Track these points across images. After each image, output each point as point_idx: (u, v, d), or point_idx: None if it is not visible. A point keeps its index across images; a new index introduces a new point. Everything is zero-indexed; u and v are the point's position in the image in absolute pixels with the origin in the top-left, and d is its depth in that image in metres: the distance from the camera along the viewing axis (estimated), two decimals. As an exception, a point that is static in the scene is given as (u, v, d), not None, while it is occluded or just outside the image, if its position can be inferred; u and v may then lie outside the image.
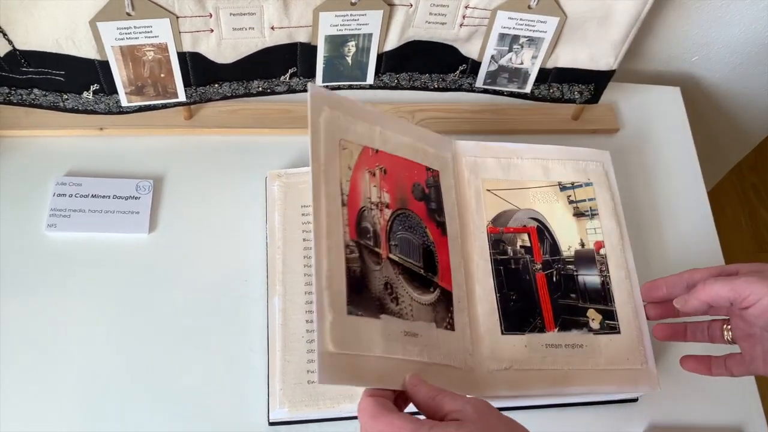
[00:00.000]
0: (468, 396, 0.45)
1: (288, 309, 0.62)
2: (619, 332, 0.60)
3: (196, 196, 0.70)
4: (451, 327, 0.56)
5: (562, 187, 0.66)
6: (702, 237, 0.75)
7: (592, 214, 0.65)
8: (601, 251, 0.64)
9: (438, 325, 0.54)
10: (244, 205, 0.70)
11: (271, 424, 0.59)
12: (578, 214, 0.65)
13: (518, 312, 0.60)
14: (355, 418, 0.59)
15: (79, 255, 0.66)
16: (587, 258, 0.63)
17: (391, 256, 0.54)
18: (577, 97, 0.74)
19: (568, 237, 0.64)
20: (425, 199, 0.59)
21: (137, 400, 0.60)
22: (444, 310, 0.56)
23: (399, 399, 0.48)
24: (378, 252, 0.54)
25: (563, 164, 0.67)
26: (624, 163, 0.78)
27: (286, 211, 0.66)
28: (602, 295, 0.62)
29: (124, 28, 0.59)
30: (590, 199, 0.66)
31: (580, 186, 0.67)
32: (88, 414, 0.59)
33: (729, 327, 0.55)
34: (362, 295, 0.51)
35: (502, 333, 0.58)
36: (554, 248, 0.63)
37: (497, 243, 0.62)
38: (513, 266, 0.62)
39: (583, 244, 0.64)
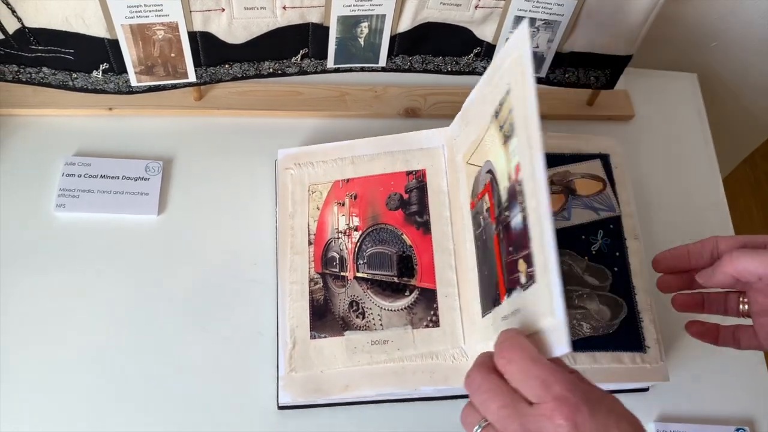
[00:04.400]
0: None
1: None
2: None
3: (205, 178, 0.70)
4: (434, 324, 0.57)
5: (495, 114, 0.50)
6: (716, 226, 0.74)
7: (512, 132, 0.47)
8: (519, 176, 0.46)
9: (415, 326, 0.57)
10: (253, 187, 0.70)
11: (281, 407, 0.59)
12: (506, 139, 0.48)
13: (487, 288, 0.53)
14: (362, 402, 0.59)
15: (88, 236, 0.65)
16: (512, 194, 0.47)
17: (359, 274, 0.61)
18: (592, 82, 0.73)
19: (504, 175, 0.49)
20: (402, 206, 0.62)
21: (145, 381, 0.60)
22: (424, 309, 0.58)
23: None
24: (344, 276, 0.61)
25: (495, 85, 0.52)
26: (638, 150, 0.77)
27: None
28: (525, 238, 0.45)
29: (134, 6, 0.58)
30: (510, 112, 0.47)
31: (504, 101, 0.49)
32: (96, 394, 0.59)
33: (746, 299, 0.54)
34: (325, 318, 0.60)
35: (482, 317, 0.54)
36: (498, 197, 0.50)
37: (476, 217, 0.55)
38: (484, 237, 0.53)
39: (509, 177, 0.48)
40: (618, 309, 0.61)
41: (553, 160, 0.66)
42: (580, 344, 0.59)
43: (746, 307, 0.54)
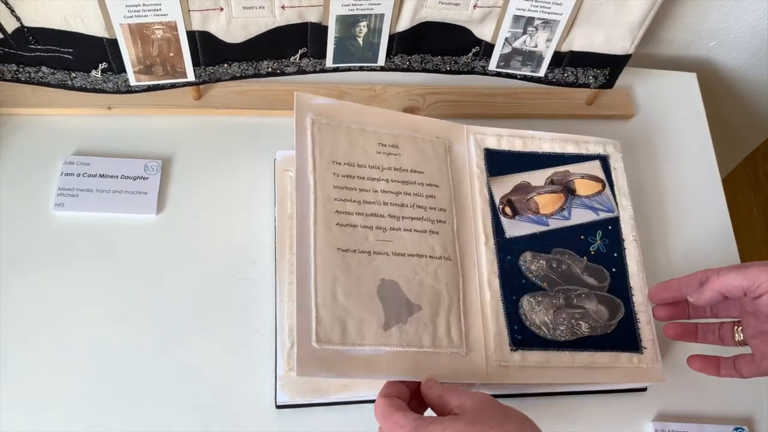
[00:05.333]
0: (475, 391, 0.48)
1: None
2: None
3: (204, 177, 0.70)
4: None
5: None
6: (716, 226, 0.74)
7: None
8: None
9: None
10: (252, 187, 0.70)
11: (279, 407, 0.59)
12: None
13: None
14: (360, 402, 0.60)
15: (87, 235, 0.65)
16: None
17: None
18: (591, 81, 0.73)
19: None
20: None
21: (143, 381, 0.60)
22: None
23: (415, 401, 0.51)
24: None
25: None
26: (638, 149, 0.77)
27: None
28: None
29: (133, 6, 0.58)
30: None
31: None
32: (93, 393, 0.59)
33: (740, 328, 0.55)
34: None
35: None
36: None
37: None
38: None
39: None
40: (616, 309, 0.61)
41: (553, 160, 0.67)
42: (578, 344, 0.59)
43: (741, 336, 0.55)
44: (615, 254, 0.63)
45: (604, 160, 0.67)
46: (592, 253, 0.63)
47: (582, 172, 0.66)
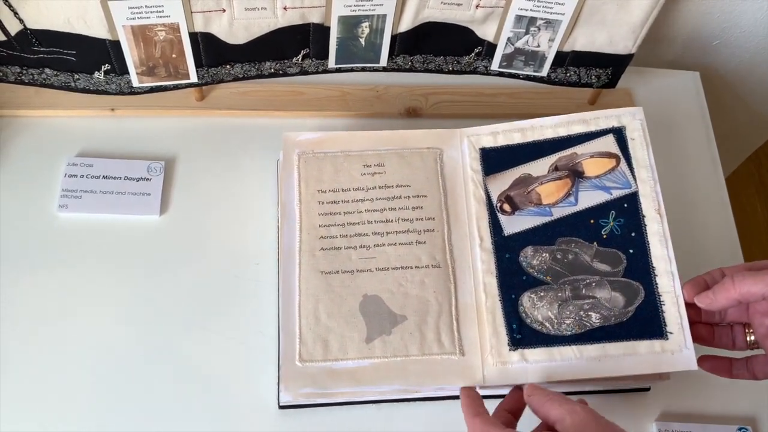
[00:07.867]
0: (577, 402, 0.47)
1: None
2: None
3: (207, 178, 0.70)
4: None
5: None
6: (719, 225, 0.74)
7: None
8: None
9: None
10: (255, 187, 0.70)
11: (281, 407, 0.59)
12: None
13: None
14: (362, 402, 0.60)
15: (91, 236, 0.66)
16: None
17: None
18: (594, 81, 0.73)
19: None
20: None
21: (146, 381, 0.60)
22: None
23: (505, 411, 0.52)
24: None
25: None
26: (641, 149, 0.77)
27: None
28: None
29: (136, 8, 0.58)
30: None
31: None
32: (97, 393, 0.59)
33: (750, 330, 0.54)
34: None
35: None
36: None
37: None
38: None
39: None
40: (633, 294, 0.57)
41: (558, 145, 0.62)
42: (587, 336, 0.56)
43: (753, 337, 0.53)
44: (632, 234, 0.59)
45: (618, 133, 0.62)
46: (604, 236, 0.59)
47: (591, 151, 0.61)
